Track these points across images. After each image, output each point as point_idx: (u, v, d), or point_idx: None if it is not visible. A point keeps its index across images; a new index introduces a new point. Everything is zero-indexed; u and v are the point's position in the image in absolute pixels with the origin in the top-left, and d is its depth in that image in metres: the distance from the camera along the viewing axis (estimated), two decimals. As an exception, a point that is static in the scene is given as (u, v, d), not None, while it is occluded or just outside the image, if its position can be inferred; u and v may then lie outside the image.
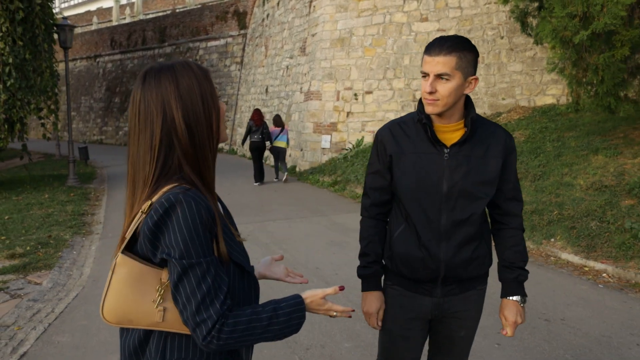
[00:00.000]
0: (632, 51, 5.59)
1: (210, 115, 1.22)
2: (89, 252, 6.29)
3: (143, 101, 1.18)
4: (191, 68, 1.22)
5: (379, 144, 1.79)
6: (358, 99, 12.57)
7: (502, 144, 1.76)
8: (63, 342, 3.70)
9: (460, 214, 1.71)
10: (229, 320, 1.13)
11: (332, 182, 10.76)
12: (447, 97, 1.63)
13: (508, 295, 1.81)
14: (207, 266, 1.12)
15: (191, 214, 1.10)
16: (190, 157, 1.18)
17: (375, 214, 1.85)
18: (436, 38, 1.66)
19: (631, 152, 6.86)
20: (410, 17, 12.27)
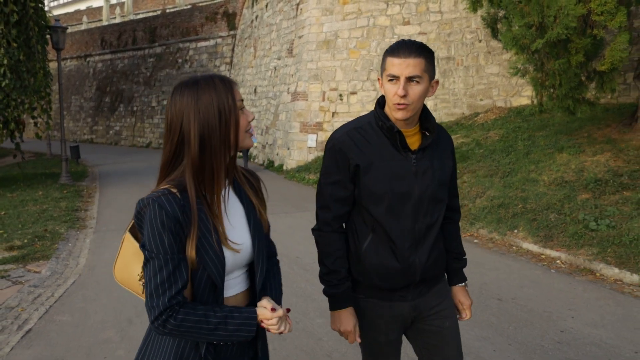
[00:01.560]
0: (587, 58, 6.08)
1: (227, 128, 1.33)
2: (84, 244, 6.68)
3: (169, 113, 1.35)
4: (214, 83, 1.33)
5: (338, 152, 1.70)
6: (343, 100, 13.01)
7: (449, 145, 1.80)
8: (64, 320, 4.10)
9: (430, 218, 1.72)
10: (178, 315, 1.26)
11: (317, 179, 11.19)
12: (417, 100, 1.61)
13: (459, 282, 1.89)
14: (165, 262, 1.25)
15: (154, 216, 1.25)
16: (196, 165, 1.31)
17: (337, 227, 1.76)
18: (400, 41, 1.64)
19: (592, 151, 7.36)
20: (393, 21, 12.73)
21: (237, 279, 1.42)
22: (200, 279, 1.31)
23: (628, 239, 5.14)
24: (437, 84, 1.68)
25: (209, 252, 1.30)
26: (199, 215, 1.30)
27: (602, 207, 5.87)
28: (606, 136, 7.80)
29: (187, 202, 1.29)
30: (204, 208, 1.32)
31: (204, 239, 1.30)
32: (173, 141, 1.33)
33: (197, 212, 1.30)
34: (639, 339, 3.54)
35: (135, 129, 25.65)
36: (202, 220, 1.31)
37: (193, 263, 1.29)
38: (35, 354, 3.50)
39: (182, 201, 1.28)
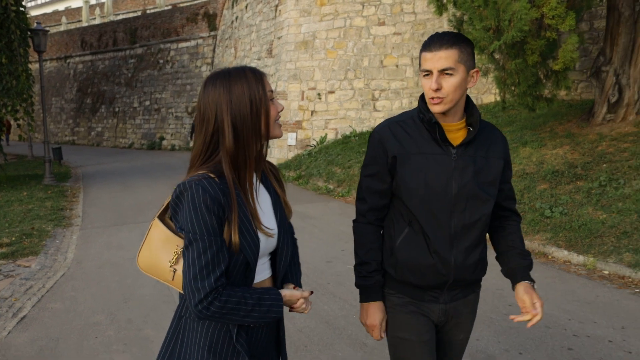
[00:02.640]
0: (543, 58, 6.54)
1: (258, 118, 1.37)
2: (71, 240, 6.95)
3: (202, 104, 1.38)
4: (245, 74, 1.38)
5: (377, 144, 1.70)
6: (321, 99, 13.39)
7: (500, 145, 1.74)
8: (56, 307, 4.41)
9: (469, 217, 1.66)
10: (222, 297, 1.28)
11: (296, 176, 11.56)
12: (453, 92, 1.57)
13: (528, 279, 1.74)
14: (210, 243, 1.28)
15: (197, 199, 1.28)
16: (231, 154, 1.35)
17: (374, 220, 1.75)
18: (432, 35, 1.62)
19: (552, 144, 7.85)
20: (369, 22, 13.13)
21: (263, 266, 1.46)
22: (236, 263, 1.34)
23: (577, 225, 5.61)
24: (477, 74, 1.64)
25: (246, 236, 1.34)
26: (238, 200, 1.34)
27: (557, 196, 6.33)
28: (566, 130, 8.30)
29: (226, 187, 1.33)
30: (240, 195, 1.36)
31: (242, 223, 1.33)
32: (207, 131, 1.36)
33: (236, 198, 1.34)
34: (574, 309, 3.98)
35: (118, 130, 25.70)
36: (241, 205, 1.35)
37: (236, 246, 1.32)
38: (32, 337, 3.82)
39: (222, 185, 1.32)
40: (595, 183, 6.21)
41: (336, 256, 5.66)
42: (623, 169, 6.27)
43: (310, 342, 3.55)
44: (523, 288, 1.70)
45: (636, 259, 4.74)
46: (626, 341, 3.41)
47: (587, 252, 5.15)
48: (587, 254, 5.11)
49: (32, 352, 3.55)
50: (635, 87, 7.65)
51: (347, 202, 8.97)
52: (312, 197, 9.54)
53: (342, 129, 13.11)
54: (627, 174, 6.13)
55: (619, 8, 7.37)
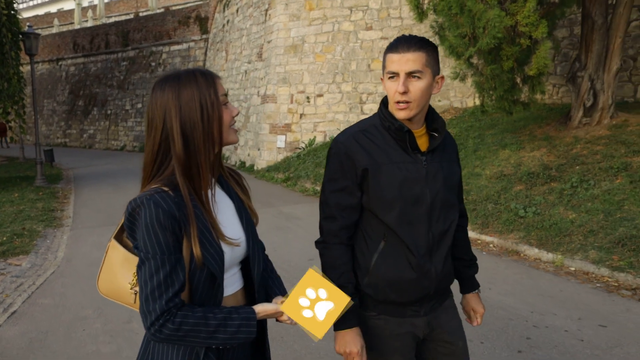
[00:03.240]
0: (518, 63, 6.80)
1: (209, 123, 1.29)
2: (61, 240, 7.12)
3: (150, 109, 1.30)
4: (195, 78, 1.29)
5: (343, 156, 1.59)
6: (310, 102, 13.61)
7: (455, 148, 1.73)
8: (45, 303, 4.60)
9: (444, 224, 1.63)
10: (176, 319, 1.20)
11: (285, 178, 11.77)
12: (420, 97, 1.51)
13: (472, 289, 1.84)
14: (162, 262, 1.20)
15: (149, 215, 1.21)
16: (183, 162, 1.27)
17: (346, 239, 1.63)
18: (399, 36, 1.55)
19: (531, 147, 8.11)
20: (357, 26, 13.38)
21: (233, 277, 1.39)
22: (200, 278, 1.27)
23: (548, 224, 5.86)
24: (442, 80, 1.59)
25: (208, 249, 1.26)
26: (195, 212, 1.27)
27: (531, 197, 6.59)
28: (545, 133, 8.56)
29: (181, 200, 1.26)
30: (197, 204, 1.29)
31: (203, 235, 1.26)
32: (155, 138, 1.29)
33: (193, 209, 1.27)
34: (537, 302, 4.22)
35: (110, 132, 25.81)
36: (199, 217, 1.27)
37: (199, 260, 1.24)
38: (22, 330, 4.00)
39: (177, 199, 1.25)
40: (567, 184, 6.47)
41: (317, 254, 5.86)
42: (594, 170, 6.53)
43: (287, 333, 3.76)
44: (474, 300, 1.85)
45: (600, 256, 5.00)
46: (580, 331, 3.65)
47: (556, 250, 5.40)
48: (556, 252, 5.36)
49: (22, 344, 3.74)
50: (609, 92, 7.93)
51: (333, 203, 9.19)
52: (299, 199, 9.76)
53: (330, 132, 13.34)
54: (597, 176, 6.39)
55: (592, 16, 7.65)
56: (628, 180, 5.98)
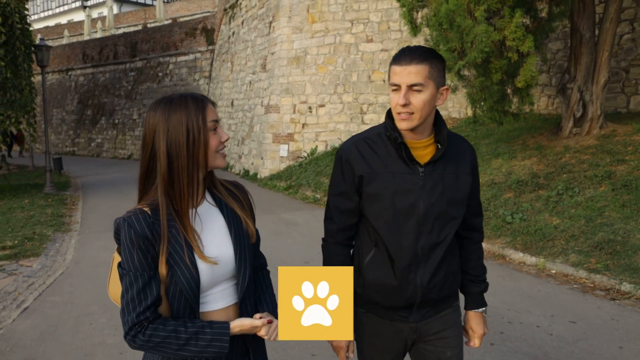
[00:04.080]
0: (507, 76, 7.09)
1: (195, 147, 1.35)
2: (70, 244, 7.46)
3: (144, 129, 1.41)
4: (186, 103, 1.37)
5: (344, 163, 1.67)
6: (312, 112, 13.96)
7: (469, 160, 1.70)
8: (55, 300, 4.91)
9: (436, 237, 1.63)
10: (147, 331, 1.30)
11: (286, 186, 12.09)
12: (422, 109, 1.53)
13: (475, 307, 1.80)
14: (135, 278, 1.30)
15: (125, 235, 1.32)
16: (164, 181, 1.35)
17: (342, 239, 1.73)
18: (404, 48, 1.58)
19: (522, 156, 8.38)
20: (358, 39, 13.74)
21: (223, 292, 1.43)
22: (174, 294, 1.34)
23: (533, 229, 6.12)
24: (447, 92, 1.60)
25: (180, 266, 1.32)
26: (170, 231, 1.34)
27: (519, 203, 6.85)
28: (537, 143, 8.83)
29: (157, 220, 1.34)
30: (175, 224, 1.35)
31: (175, 253, 1.33)
32: (145, 156, 1.38)
33: (168, 228, 1.33)
34: (515, 301, 4.48)
35: (117, 141, 26.28)
36: (173, 236, 1.34)
37: (163, 277, 1.32)
38: (34, 323, 4.32)
39: (152, 219, 1.33)
40: (554, 192, 6.73)
41: (313, 257, 6.16)
42: (580, 178, 6.79)
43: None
44: (474, 319, 1.80)
45: (579, 259, 5.25)
46: (551, 326, 3.91)
47: (539, 254, 5.66)
48: (539, 256, 5.62)
49: (34, 336, 4.05)
50: (598, 103, 8.20)
51: (332, 210, 9.48)
52: (300, 206, 10.06)
53: (331, 141, 13.66)
54: (582, 184, 6.65)
55: (580, 30, 7.94)
56: (610, 188, 6.24)
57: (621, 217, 5.61)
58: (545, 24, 7.49)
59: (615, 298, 4.50)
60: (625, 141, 7.43)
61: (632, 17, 10.27)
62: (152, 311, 1.31)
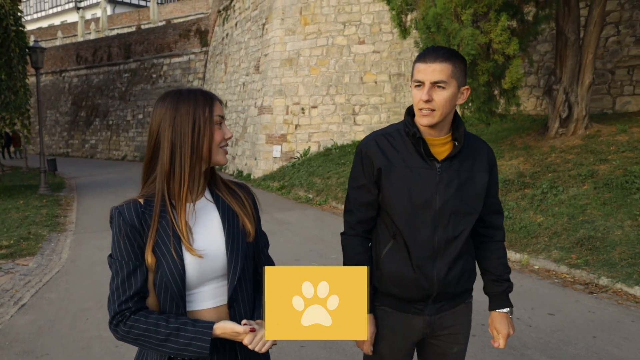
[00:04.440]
0: (494, 77, 7.27)
1: (199, 139, 1.35)
2: (65, 243, 7.57)
3: (151, 118, 1.41)
4: (195, 96, 1.38)
5: (364, 156, 1.72)
6: (305, 113, 14.11)
7: (486, 158, 1.75)
8: (51, 297, 5.04)
9: (452, 231, 1.67)
10: (128, 322, 1.29)
11: (279, 186, 12.23)
12: (443, 106, 1.58)
13: (498, 307, 1.82)
14: (120, 267, 1.31)
15: (114, 223, 1.34)
16: (165, 170, 1.35)
17: (362, 232, 1.77)
18: (429, 47, 1.64)
19: (510, 155, 8.56)
20: (350, 40, 13.92)
21: (215, 290, 1.39)
22: (160, 287, 1.33)
23: (518, 227, 6.30)
24: (468, 91, 1.66)
25: (166, 258, 1.31)
26: (160, 222, 1.33)
27: (505, 202, 7.03)
28: (525, 143, 9.02)
29: (149, 210, 1.34)
30: (167, 215, 1.34)
31: (162, 244, 1.32)
32: (150, 145, 1.38)
33: (159, 218, 1.33)
34: (497, 295, 4.65)
35: (111, 143, 26.33)
36: (162, 227, 1.33)
37: (150, 267, 1.32)
38: (31, 319, 4.44)
39: (144, 209, 1.34)
40: (539, 190, 6.91)
41: (304, 255, 6.30)
42: (564, 177, 6.98)
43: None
44: (498, 319, 1.81)
45: (561, 255, 5.43)
46: (530, 318, 4.08)
47: (523, 250, 5.84)
48: (523, 252, 5.80)
49: (32, 330, 4.18)
50: (583, 104, 8.40)
51: (323, 210, 9.64)
52: (292, 205, 10.21)
53: (324, 142, 13.81)
54: (566, 182, 6.84)
55: (565, 33, 8.14)
56: (592, 187, 6.43)
57: (602, 215, 5.79)
58: (531, 27, 7.68)
59: (593, 292, 4.68)
60: (609, 141, 7.63)
61: (617, 20, 10.51)
62: (135, 301, 1.30)
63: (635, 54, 10.24)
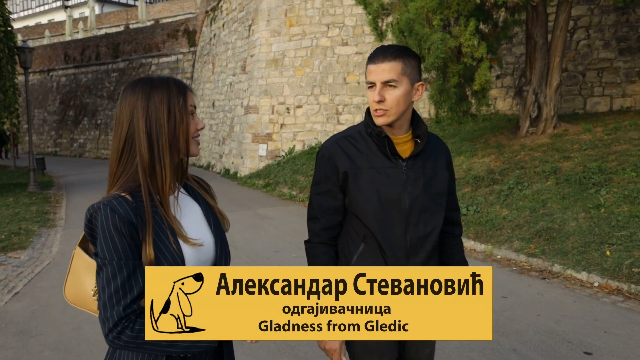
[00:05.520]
0: (465, 79, 7.68)
1: (175, 128, 1.30)
2: (55, 238, 7.86)
3: (119, 108, 1.31)
4: (168, 84, 1.31)
5: (327, 160, 1.69)
6: (290, 113, 14.47)
7: (444, 155, 1.77)
8: (44, 286, 5.35)
9: (423, 229, 1.67)
10: (135, 326, 1.20)
11: (264, 184, 12.58)
12: (397, 105, 1.58)
13: None
14: (119, 267, 1.20)
15: (106, 221, 1.21)
16: (146, 162, 1.28)
17: (327, 239, 1.74)
18: (378, 47, 1.62)
19: (483, 154, 8.99)
20: (333, 42, 14.29)
21: None
22: None
23: (485, 220, 6.71)
24: (423, 87, 1.65)
25: (165, 252, 1.26)
26: (153, 216, 1.27)
27: (475, 197, 7.45)
28: (497, 142, 9.45)
29: (140, 204, 1.27)
30: (157, 209, 1.29)
31: (159, 239, 1.26)
32: (121, 136, 1.30)
33: (152, 212, 1.27)
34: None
35: (100, 142, 26.48)
36: (157, 221, 1.28)
37: (151, 261, 1.24)
38: (25, 305, 4.76)
39: (135, 204, 1.26)
40: (505, 186, 7.34)
41: (284, 247, 6.67)
42: (530, 174, 7.41)
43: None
44: None
45: (521, 245, 5.85)
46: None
47: (488, 242, 6.25)
48: (488, 243, 6.21)
49: (26, 315, 4.50)
50: (551, 105, 8.85)
51: (306, 206, 10.00)
52: (276, 202, 10.56)
53: (308, 141, 14.18)
54: (531, 179, 7.26)
55: (534, 37, 8.58)
56: (555, 182, 6.86)
57: (560, 208, 6.22)
58: (500, 32, 8.11)
59: (546, 278, 5.09)
60: (574, 140, 8.08)
61: (588, 24, 10.99)
62: (139, 304, 1.23)
63: (604, 57, 10.73)
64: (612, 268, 4.80)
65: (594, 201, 6.00)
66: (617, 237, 5.21)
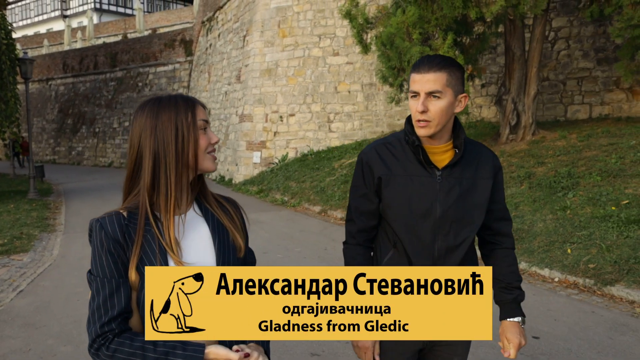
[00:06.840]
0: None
1: (183, 146, 1.29)
2: (56, 242, 8.24)
3: (131, 129, 1.34)
4: (176, 102, 1.31)
5: (365, 165, 1.73)
6: (283, 121, 14.90)
7: (490, 164, 1.72)
8: (46, 285, 5.74)
9: (453, 239, 1.66)
10: (111, 345, 1.19)
11: (258, 190, 12.98)
12: (440, 116, 1.57)
13: (509, 316, 1.74)
14: (102, 285, 1.22)
15: (96, 237, 1.26)
16: (149, 181, 1.28)
17: (363, 241, 1.78)
18: (423, 56, 1.63)
19: (464, 160, 9.40)
20: (325, 52, 14.75)
21: None
22: (144, 306, 1.22)
23: (462, 222, 7.11)
24: (466, 99, 1.63)
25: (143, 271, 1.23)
26: (145, 235, 1.26)
27: (454, 201, 7.85)
28: (480, 148, 9.88)
29: (133, 223, 1.27)
30: (152, 229, 1.27)
31: (147, 260, 1.25)
32: (132, 157, 1.32)
33: (144, 232, 1.26)
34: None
35: (98, 150, 26.88)
36: (147, 241, 1.26)
37: (134, 285, 1.24)
38: (29, 301, 5.14)
39: (127, 221, 1.26)
40: (483, 190, 7.75)
41: (272, 249, 7.05)
42: (506, 179, 7.82)
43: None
44: (509, 329, 1.73)
45: (493, 245, 6.24)
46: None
47: (463, 242, 6.64)
48: (463, 244, 6.60)
49: (31, 309, 4.88)
50: (529, 113, 9.29)
51: (297, 211, 10.40)
52: (268, 207, 10.96)
53: (301, 148, 14.60)
54: (507, 183, 7.68)
55: (512, 49, 9.03)
56: (528, 186, 7.27)
57: (531, 210, 6.63)
58: (478, 44, 8.56)
59: (513, 274, 5.48)
60: (549, 146, 8.50)
61: (567, 35, 11.47)
62: (119, 323, 1.22)
63: (583, 66, 11.20)
64: (572, 264, 5.20)
65: (561, 204, 6.41)
66: (578, 236, 5.62)
